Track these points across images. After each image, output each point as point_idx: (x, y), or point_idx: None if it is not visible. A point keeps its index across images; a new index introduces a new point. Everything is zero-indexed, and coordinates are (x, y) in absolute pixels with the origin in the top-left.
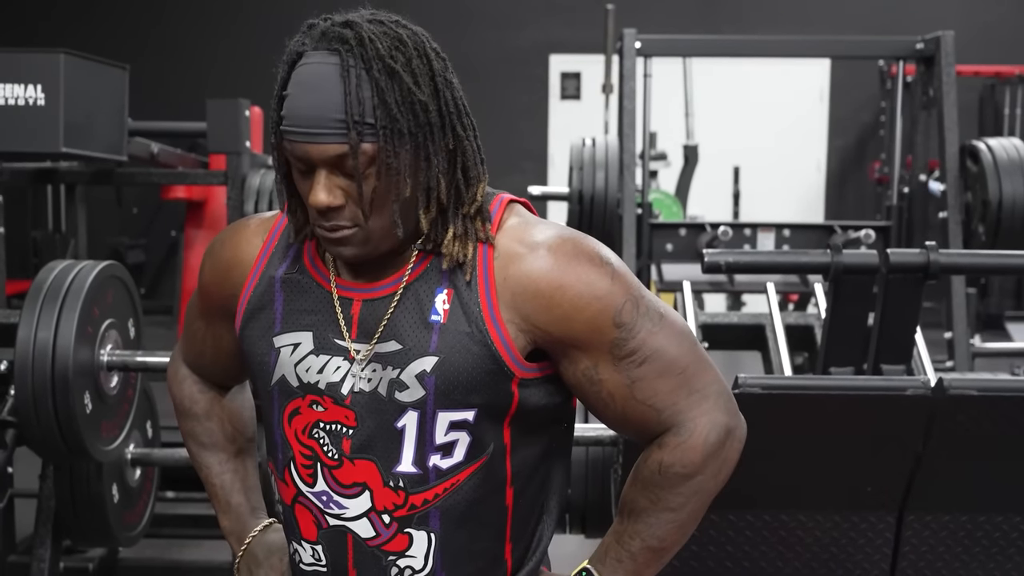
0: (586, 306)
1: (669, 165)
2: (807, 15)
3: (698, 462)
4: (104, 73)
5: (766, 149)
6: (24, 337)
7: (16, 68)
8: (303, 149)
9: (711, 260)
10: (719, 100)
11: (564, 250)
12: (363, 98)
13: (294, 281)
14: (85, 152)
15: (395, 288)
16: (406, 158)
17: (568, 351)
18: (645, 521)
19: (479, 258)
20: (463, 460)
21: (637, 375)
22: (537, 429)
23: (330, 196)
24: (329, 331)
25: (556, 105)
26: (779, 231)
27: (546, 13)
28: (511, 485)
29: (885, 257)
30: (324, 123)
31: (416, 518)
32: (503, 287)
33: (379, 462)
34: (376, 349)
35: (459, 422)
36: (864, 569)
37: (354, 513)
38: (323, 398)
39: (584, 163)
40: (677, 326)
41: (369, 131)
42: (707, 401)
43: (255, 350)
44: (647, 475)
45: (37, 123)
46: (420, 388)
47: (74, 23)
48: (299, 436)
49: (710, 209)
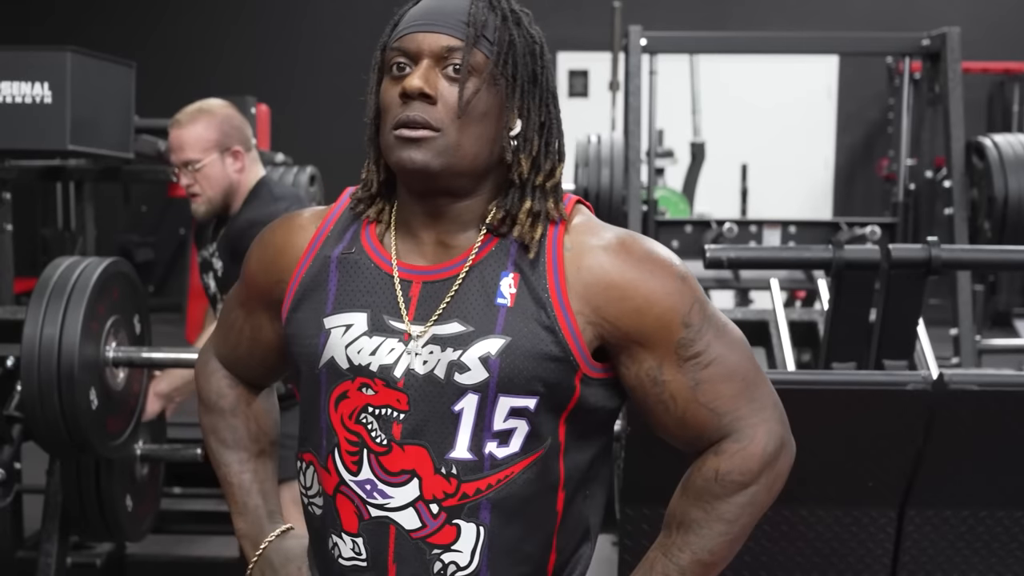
0: (658, 302)
1: (676, 162)
2: (815, 12)
3: (756, 470)
4: (111, 71)
5: (774, 146)
6: (30, 333)
7: (23, 66)
8: (413, 39)
9: (712, 256)
10: (727, 97)
11: (637, 247)
12: (488, 17)
13: (351, 261)
14: (92, 150)
15: (459, 269)
16: (511, 91)
17: (633, 349)
18: (697, 533)
19: (548, 244)
20: (519, 451)
21: (701, 377)
22: (589, 434)
23: (425, 82)
24: (385, 312)
25: (564, 103)
26: (785, 228)
27: (554, 10)
28: (563, 488)
29: (886, 252)
30: (444, 19)
31: (467, 508)
32: (575, 278)
33: (431, 448)
34: (434, 331)
35: (520, 409)
36: (866, 564)
37: (399, 503)
38: (374, 381)
39: (589, 160)
40: (737, 335)
41: (485, 42)
42: (766, 410)
43: (303, 332)
44: (701, 484)
45: (44, 121)
46: (483, 370)
47: (81, 21)
48: (345, 421)
49: (718, 206)
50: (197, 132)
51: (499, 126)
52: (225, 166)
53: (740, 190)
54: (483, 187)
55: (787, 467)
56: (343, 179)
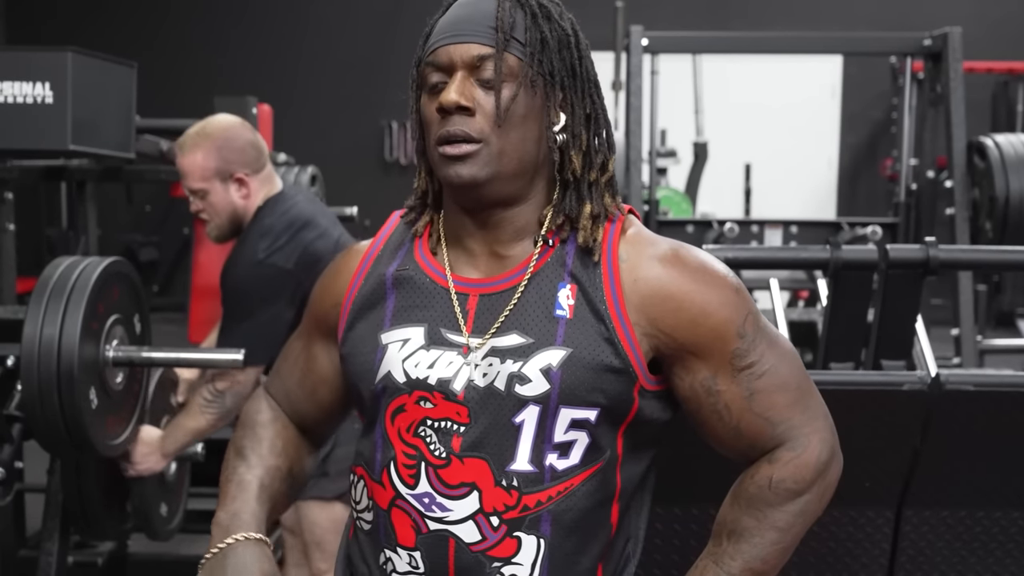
0: (713, 312)
1: (679, 162)
2: (819, 12)
3: (810, 479)
4: (112, 71)
5: (778, 146)
6: (30, 333)
7: (24, 66)
8: (445, 52)
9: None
10: (731, 97)
11: (692, 258)
12: (515, 17)
13: (405, 277)
14: (93, 150)
15: (518, 280)
16: (550, 90)
17: (687, 360)
18: (749, 541)
19: (604, 253)
20: (579, 463)
21: (756, 387)
22: (644, 445)
23: (461, 95)
24: (442, 326)
25: None
26: (786, 228)
27: None
28: (618, 501)
29: (884, 252)
30: (472, 28)
31: (528, 521)
32: (631, 290)
33: (491, 460)
34: (493, 343)
35: (581, 421)
36: (863, 564)
37: (459, 516)
38: (433, 394)
39: None
40: (789, 346)
41: (517, 45)
42: (818, 420)
43: (359, 350)
44: (754, 492)
45: (45, 121)
46: (545, 382)
47: (82, 21)
48: (403, 435)
49: (721, 206)
50: (196, 161)
51: (542, 126)
52: (229, 193)
53: (743, 190)
54: (534, 191)
55: (837, 476)
56: (344, 179)
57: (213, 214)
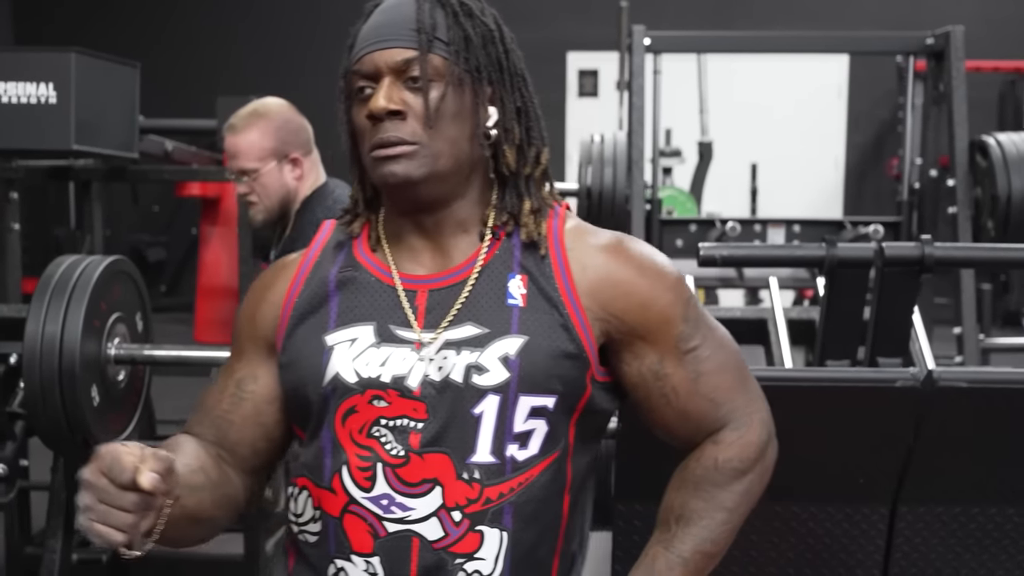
0: (659, 296)
1: (684, 162)
2: (825, 11)
3: (754, 458)
4: (115, 71)
5: (784, 146)
6: (32, 330)
7: (28, 67)
8: (370, 59)
9: (706, 254)
10: (736, 97)
11: (635, 247)
12: (436, 18)
13: (349, 278)
14: (96, 149)
15: (467, 274)
16: (478, 87)
17: (636, 344)
18: (699, 524)
19: (550, 239)
20: (538, 453)
21: (701, 369)
22: (591, 437)
23: (389, 100)
24: (392, 323)
25: (573, 103)
26: (789, 227)
27: (563, 10)
28: (569, 492)
29: (880, 250)
30: (394, 32)
31: (490, 513)
32: (581, 276)
33: (452, 454)
34: (447, 336)
35: (539, 408)
36: (858, 560)
37: (421, 513)
38: (387, 392)
39: (593, 159)
40: (725, 332)
41: (440, 44)
42: (758, 401)
43: (302, 354)
44: (701, 474)
45: (49, 121)
46: (503, 370)
47: (86, 22)
48: (355, 437)
49: (727, 206)
50: (252, 139)
51: (474, 123)
52: (283, 174)
53: (750, 190)
54: (470, 187)
55: (775, 456)
56: (347, 178)
57: (264, 196)
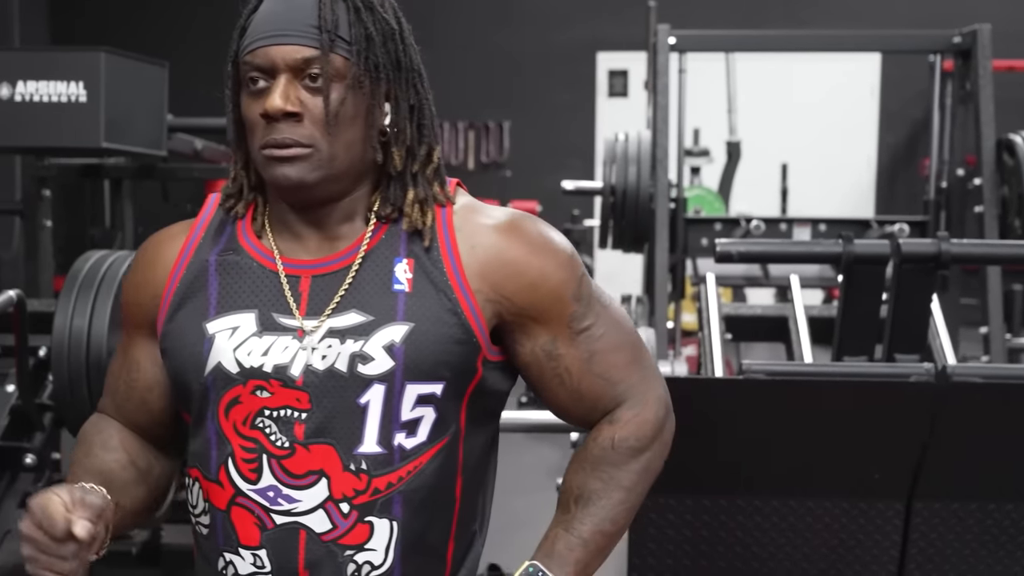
0: (550, 275)
1: (712, 161)
2: (858, 9)
3: (651, 435)
4: (144, 70)
5: (815, 145)
6: (60, 324)
7: (59, 66)
8: (266, 54)
9: (722, 249)
10: (766, 96)
11: (527, 225)
12: (338, 15)
13: (230, 263)
14: (125, 147)
15: (351, 260)
16: (376, 87)
17: (528, 325)
18: (597, 504)
19: (439, 227)
20: (427, 440)
21: (594, 348)
22: (485, 417)
23: (287, 101)
24: (274, 310)
25: (603, 103)
26: (815, 226)
27: (593, 11)
28: (461, 474)
29: (896, 247)
30: (294, 27)
31: (379, 504)
32: (470, 257)
33: (338, 445)
34: (331, 324)
35: (427, 396)
36: (873, 556)
37: (308, 506)
38: (269, 382)
39: (617, 157)
40: (620, 308)
41: (342, 44)
42: (653, 379)
43: (182, 341)
44: (598, 454)
45: (79, 119)
46: (388, 359)
47: (117, 21)
48: (239, 428)
49: (757, 206)
50: None
51: (370, 123)
52: None
53: (780, 190)
54: (363, 183)
55: (672, 432)
56: None
57: None
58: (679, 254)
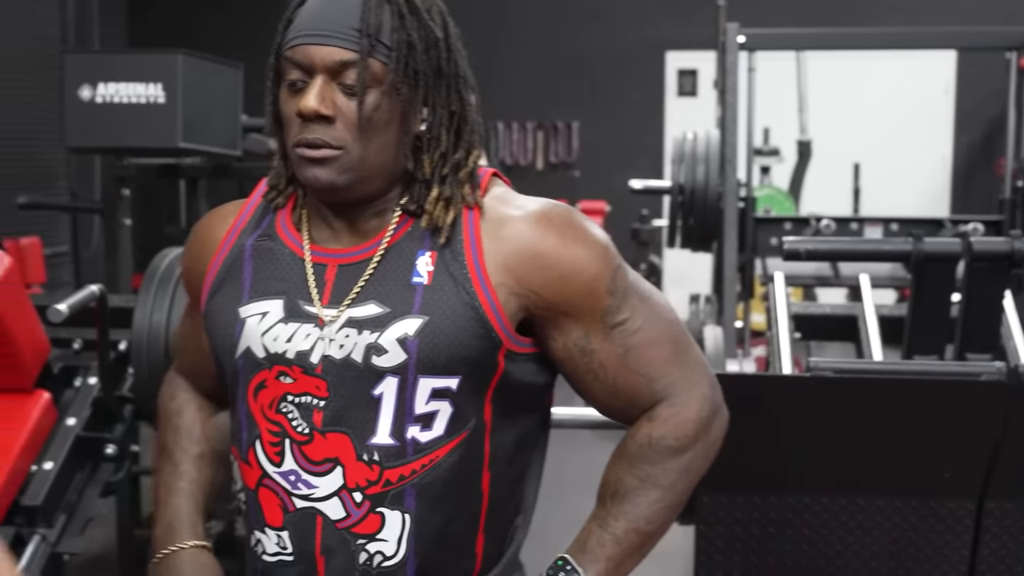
0: (582, 270)
1: (782, 161)
2: (933, 6)
3: (691, 435)
4: (220, 72)
5: (888, 144)
6: (140, 319)
7: (139, 68)
8: (306, 53)
9: (790, 247)
10: (837, 94)
11: (558, 215)
12: (382, 19)
13: (264, 248)
14: (202, 147)
15: (374, 251)
16: (414, 93)
17: (559, 320)
18: (632, 501)
19: (464, 222)
20: (443, 434)
21: (631, 343)
22: (517, 411)
23: (321, 103)
24: (299, 298)
25: (672, 102)
26: (887, 225)
27: (662, 10)
28: (488, 469)
29: (968, 245)
30: (336, 28)
31: (390, 496)
32: (495, 249)
33: (353, 434)
34: (350, 313)
35: (441, 390)
36: (944, 555)
37: (324, 492)
38: (292, 368)
39: (685, 156)
40: (662, 300)
41: (382, 50)
42: (697, 374)
43: (219, 323)
44: (635, 451)
45: (158, 120)
46: (401, 352)
47: (193, 24)
48: (266, 411)
49: (829, 206)
50: None
51: (404, 128)
52: None
53: (852, 190)
54: (397, 184)
55: (722, 432)
56: None
57: None
58: (748, 254)
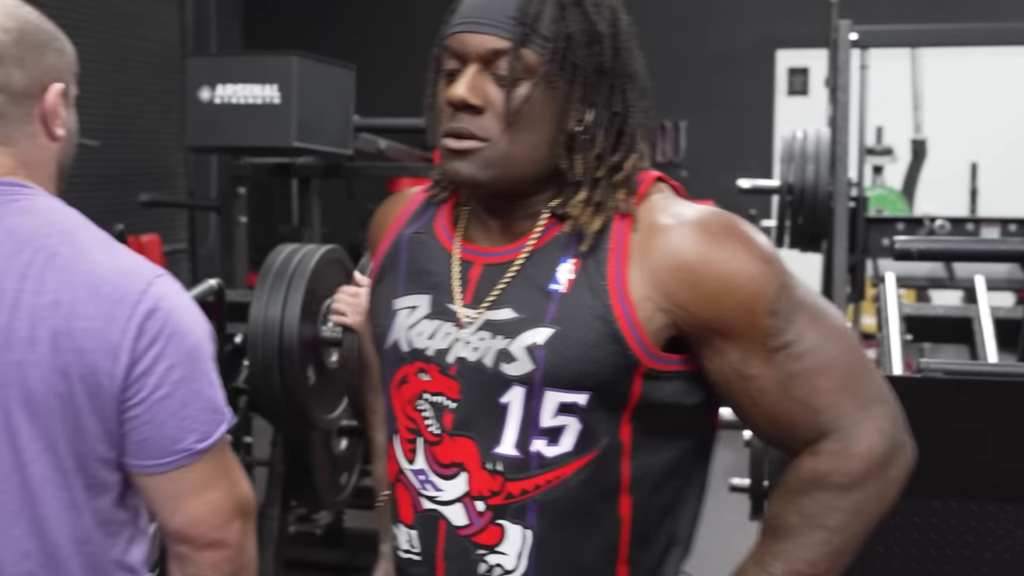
0: (738, 287)
1: (896, 160)
2: None
3: (860, 472)
4: (333, 73)
5: (1008, 144)
6: (256, 313)
7: (255, 70)
8: (461, 41)
9: (901, 247)
10: (954, 92)
11: (715, 224)
12: (543, 9)
13: (420, 241)
14: (315, 147)
15: (519, 254)
16: (572, 89)
17: (713, 340)
18: (793, 541)
19: (614, 230)
20: (571, 451)
21: (794, 369)
22: (664, 433)
23: (470, 92)
24: (444, 295)
25: (783, 101)
26: (1004, 226)
27: (772, 8)
28: (629, 493)
29: None
30: (493, 16)
31: (512, 509)
32: (643, 262)
33: (479, 441)
34: (487, 316)
35: (569, 405)
36: None
37: (449, 497)
38: (429, 366)
39: (795, 155)
40: (837, 321)
41: (538, 40)
42: (874, 407)
43: (377, 311)
44: (797, 486)
45: (273, 120)
46: (529, 361)
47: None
48: (405, 407)
49: (944, 207)
50: None
51: (559, 126)
52: None
53: (969, 190)
54: (549, 185)
55: (903, 472)
56: None
57: None
58: (859, 254)
